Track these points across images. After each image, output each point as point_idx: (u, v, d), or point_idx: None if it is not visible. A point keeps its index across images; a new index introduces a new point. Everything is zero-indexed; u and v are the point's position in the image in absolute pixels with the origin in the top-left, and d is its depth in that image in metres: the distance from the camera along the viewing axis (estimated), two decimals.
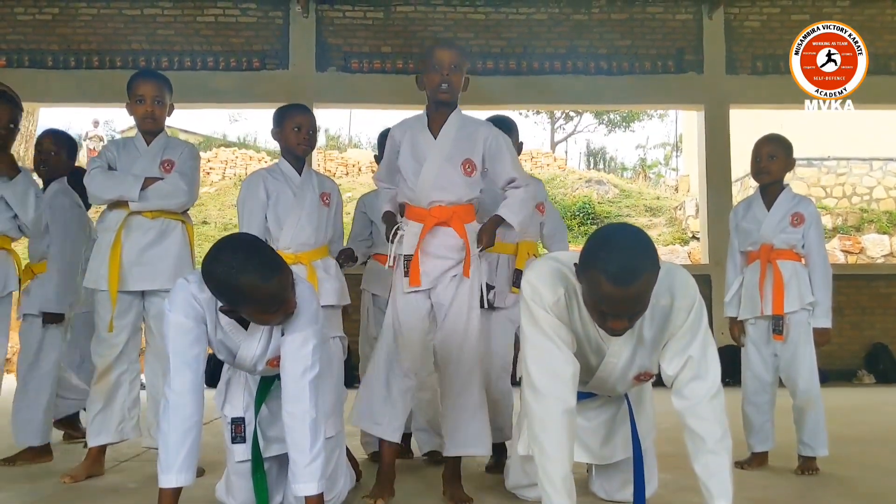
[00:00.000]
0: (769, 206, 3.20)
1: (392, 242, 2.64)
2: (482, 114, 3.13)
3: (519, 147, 3.25)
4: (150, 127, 3.06)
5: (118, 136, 17.90)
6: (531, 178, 2.91)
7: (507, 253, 3.09)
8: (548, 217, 3.32)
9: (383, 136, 3.27)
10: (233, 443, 2.25)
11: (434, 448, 3.19)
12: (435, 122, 2.62)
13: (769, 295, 3.11)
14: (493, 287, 3.03)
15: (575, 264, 1.91)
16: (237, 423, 2.25)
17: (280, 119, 2.96)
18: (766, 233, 3.16)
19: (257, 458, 2.23)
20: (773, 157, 3.17)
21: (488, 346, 3.10)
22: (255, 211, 2.84)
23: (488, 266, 3.11)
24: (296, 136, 2.89)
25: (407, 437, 3.29)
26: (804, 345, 3.12)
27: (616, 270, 1.76)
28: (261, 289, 1.89)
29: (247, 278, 1.87)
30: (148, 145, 3.08)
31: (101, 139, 16.86)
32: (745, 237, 3.26)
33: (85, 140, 17.04)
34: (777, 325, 3.09)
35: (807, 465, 3.06)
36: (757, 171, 3.22)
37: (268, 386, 2.25)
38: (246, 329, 2.10)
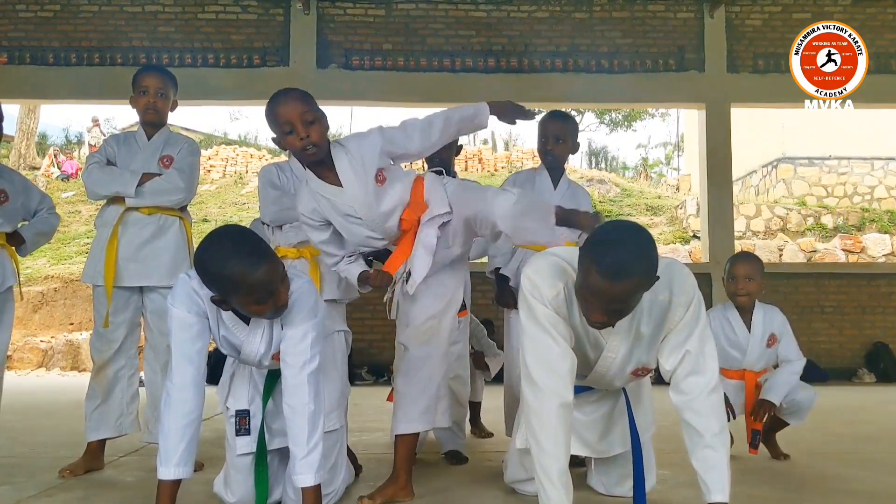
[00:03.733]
0: (748, 324, 3.14)
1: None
2: None
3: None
4: (152, 118, 3.06)
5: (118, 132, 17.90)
6: None
7: (535, 249, 3.06)
8: None
9: None
10: (237, 435, 2.25)
11: (455, 448, 3.15)
12: (326, 171, 2.32)
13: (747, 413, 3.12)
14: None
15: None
16: (242, 416, 2.26)
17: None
18: (749, 361, 3.14)
19: (261, 452, 2.24)
20: (751, 278, 3.12)
21: (511, 346, 3.09)
22: (273, 192, 2.88)
23: (514, 264, 3.11)
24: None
25: None
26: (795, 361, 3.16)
27: (608, 264, 1.77)
28: (248, 277, 1.89)
29: (234, 266, 1.88)
30: (149, 140, 3.08)
31: (103, 134, 16.88)
32: (724, 355, 3.09)
33: (89, 131, 17.12)
34: (754, 440, 3.09)
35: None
36: (733, 291, 3.15)
37: (274, 379, 2.25)
38: (247, 324, 2.10)
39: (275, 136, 2.37)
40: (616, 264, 1.77)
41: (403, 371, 2.48)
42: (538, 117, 3.27)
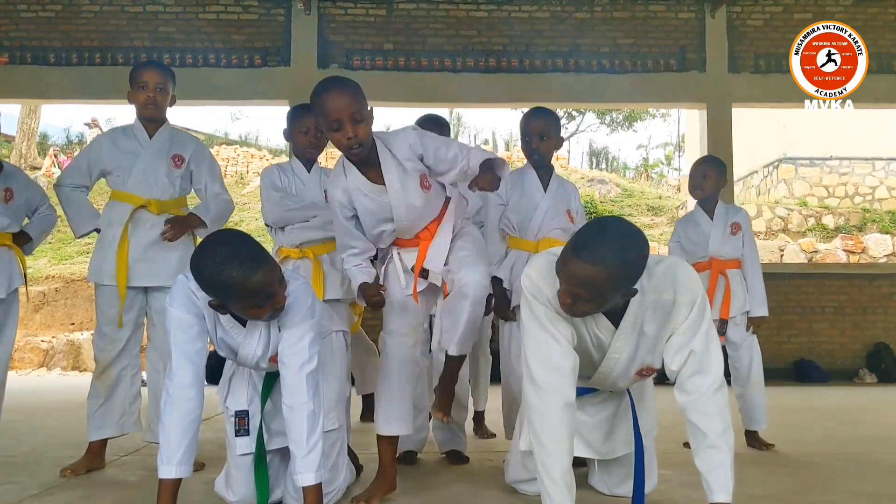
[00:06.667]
0: (710, 216, 3.65)
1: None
2: (482, 112, 3.16)
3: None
4: (152, 114, 3.04)
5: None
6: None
7: (528, 250, 3.04)
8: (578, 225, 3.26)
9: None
10: (236, 436, 2.26)
11: (456, 448, 3.15)
12: (369, 168, 2.39)
13: (718, 301, 3.51)
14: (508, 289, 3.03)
15: None
16: (241, 417, 2.27)
17: (290, 120, 3.00)
18: (714, 247, 3.59)
19: (260, 452, 2.24)
20: (706, 176, 3.63)
21: (510, 349, 3.08)
22: (275, 194, 2.90)
23: (507, 266, 3.09)
24: (303, 139, 2.95)
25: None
26: (754, 347, 3.57)
27: (581, 245, 1.82)
28: (245, 282, 1.89)
29: (231, 271, 1.88)
30: (150, 137, 3.06)
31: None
32: (694, 249, 3.65)
33: (93, 128, 17.12)
34: (722, 327, 3.49)
35: (755, 439, 3.51)
36: (692, 187, 3.70)
37: (273, 380, 2.26)
38: (244, 326, 2.11)
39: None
40: (588, 247, 1.80)
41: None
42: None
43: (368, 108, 2.28)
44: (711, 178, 3.64)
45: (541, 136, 3.08)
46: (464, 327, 2.35)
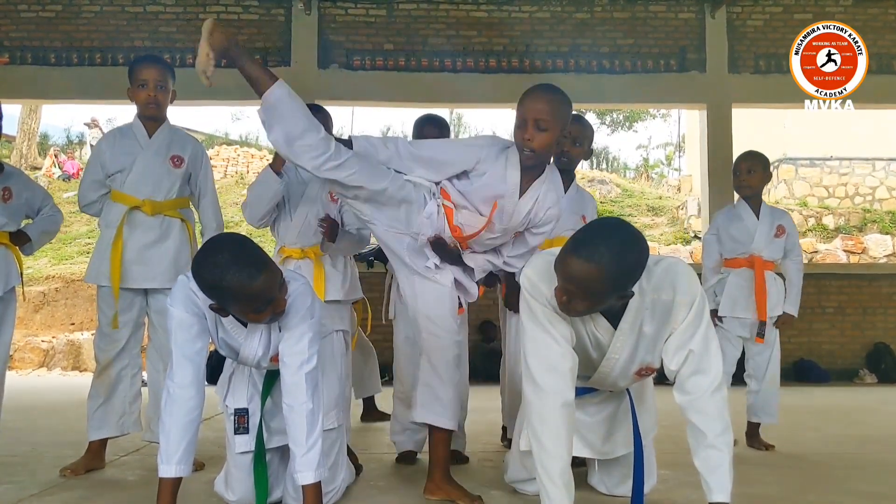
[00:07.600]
0: (756, 215, 3.58)
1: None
2: (482, 112, 3.15)
3: (588, 153, 3.29)
4: (153, 112, 3.03)
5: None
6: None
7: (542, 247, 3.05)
8: None
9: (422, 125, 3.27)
10: (236, 434, 2.26)
11: (456, 448, 3.07)
12: (529, 177, 2.44)
13: (755, 301, 3.49)
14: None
15: None
16: (241, 415, 2.27)
17: None
18: (757, 245, 3.53)
19: (260, 450, 2.24)
20: (752, 171, 3.56)
21: (516, 345, 3.07)
22: (266, 194, 2.88)
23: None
24: None
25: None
26: (775, 344, 3.57)
27: (579, 242, 1.83)
28: (247, 287, 1.89)
29: (233, 277, 1.88)
30: (150, 137, 3.05)
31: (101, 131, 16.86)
32: (734, 246, 3.60)
33: (92, 128, 17.14)
34: (761, 329, 3.50)
35: (756, 439, 3.51)
36: (738, 185, 3.62)
37: (273, 378, 2.26)
38: (245, 327, 2.11)
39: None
40: (586, 245, 1.81)
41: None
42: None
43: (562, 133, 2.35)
44: (758, 173, 3.57)
45: (574, 141, 3.09)
46: (446, 393, 2.40)
